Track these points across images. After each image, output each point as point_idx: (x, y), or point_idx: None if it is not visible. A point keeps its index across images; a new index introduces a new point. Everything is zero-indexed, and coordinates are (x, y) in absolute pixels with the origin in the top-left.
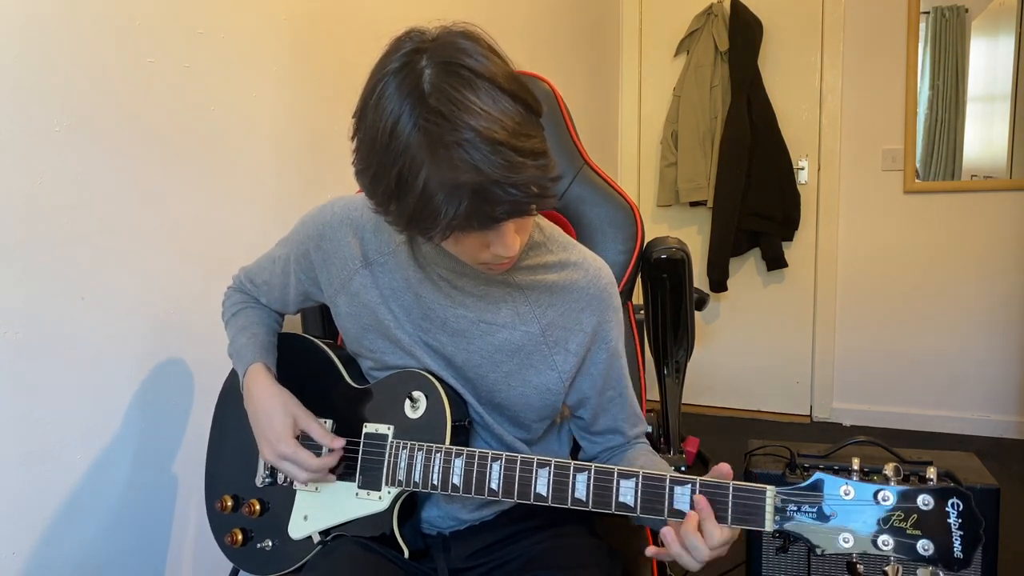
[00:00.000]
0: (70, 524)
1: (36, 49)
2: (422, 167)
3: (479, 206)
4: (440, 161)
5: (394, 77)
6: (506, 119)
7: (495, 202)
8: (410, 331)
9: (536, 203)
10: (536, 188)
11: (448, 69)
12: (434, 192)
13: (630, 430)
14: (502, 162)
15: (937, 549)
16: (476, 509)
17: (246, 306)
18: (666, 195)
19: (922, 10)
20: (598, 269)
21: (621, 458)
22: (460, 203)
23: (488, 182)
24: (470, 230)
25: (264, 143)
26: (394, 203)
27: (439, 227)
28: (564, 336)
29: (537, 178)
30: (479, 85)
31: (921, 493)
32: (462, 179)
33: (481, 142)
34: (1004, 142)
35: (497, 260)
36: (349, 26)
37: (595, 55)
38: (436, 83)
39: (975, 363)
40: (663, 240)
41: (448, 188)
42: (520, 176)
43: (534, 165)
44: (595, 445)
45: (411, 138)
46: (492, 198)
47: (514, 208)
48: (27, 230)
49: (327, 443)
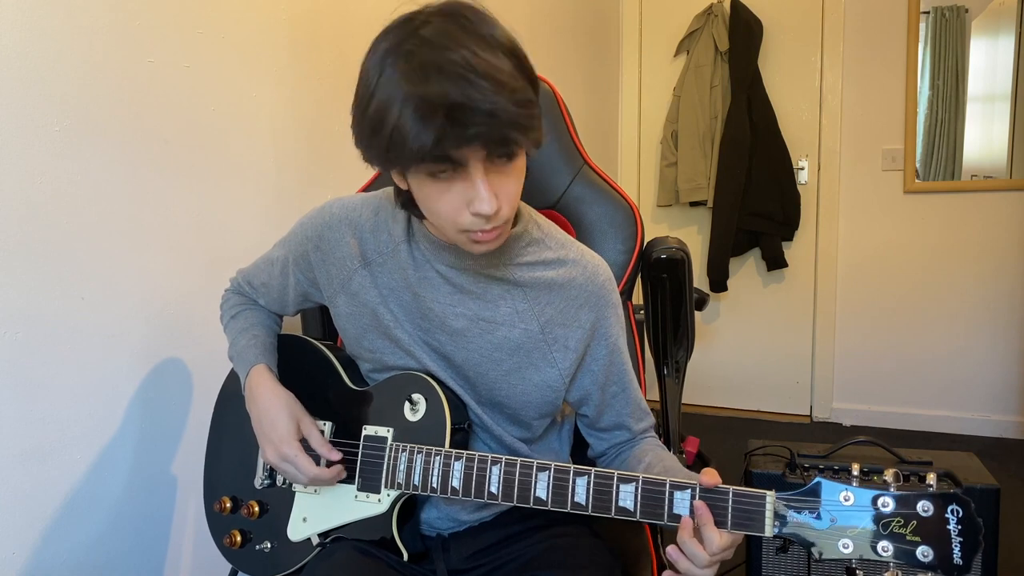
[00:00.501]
0: (70, 524)
1: (36, 49)
2: (399, 88)
3: (451, 128)
4: (417, 80)
5: (391, 31)
6: (492, 59)
7: (467, 123)
8: (409, 330)
9: (511, 133)
10: (512, 115)
11: (445, 15)
12: (409, 114)
13: (636, 424)
14: (481, 84)
15: (937, 556)
16: (476, 510)
17: (245, 308)
18: (666, 195)
19: (922, 10)
20: (596, 266)
21: (629, 454)
22: (432, 122)
23: (463, 98)
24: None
25: (264, 143)
26: (375, 136)
27: (411, 153)
28: (563, 333)
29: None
30: (473, 32)
31: (921, 499)
32: (434, 95)
33: (462, 67)
34: (1004, 142)
35: (476, 225)
36: (349, 26)
37: (595, 55)
38: (434, 25)
39: (975, 363)
40: (663, 240)
41: (421, 106)
42: (497, 100)
43: (513, 98)
44: (602, 442)
45: (396, 64)
46: (464, 119)
47: (488, 131)
48: (27, 230)
49: (324, 453)
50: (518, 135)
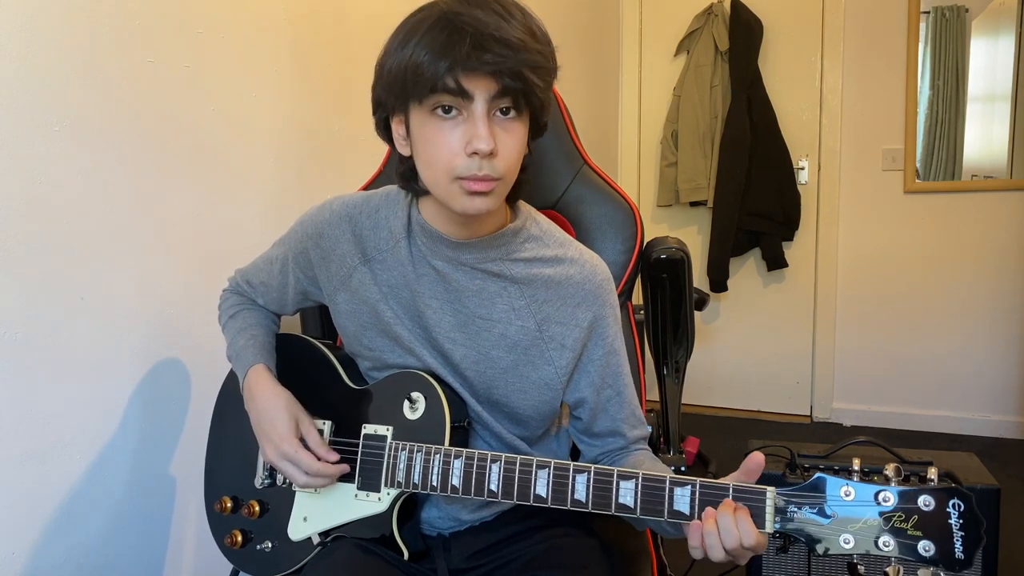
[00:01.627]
0: (70, 524)
1: (36, 49)
2: (423, 24)
3: (471, 51)
4: (440, 17)
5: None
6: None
7: (486, 48)
8: (410, 327)
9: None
10: (532, 54)
11: None
12: (429, 42)
13: (630, 431)
14: (500, 19)
15: (938, 550)
16: (476, 510)
17: (243, 308)
18: (666, 195)
19: (922, 10)
20: (594, 265)
21: (623, 463)
22: (451, 48)
23: (484, 29)
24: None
25: (264, 143)
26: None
27: (428, 79)
28: (560, 331)
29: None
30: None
31: (922, 494)
32: (457, 26)
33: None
34: (1004, 142)
35: (471, 170)
36: (349, 26)
37: (595, 55)
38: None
39: (975, 363)
40: (663, 240)
41: (443, 38)
42: (514, 33)
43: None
44: (594, 448)
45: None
46: (484, 44)
47: (504, 61)
48: (27, 230)
49: (321, 454)
50: (532, 78)
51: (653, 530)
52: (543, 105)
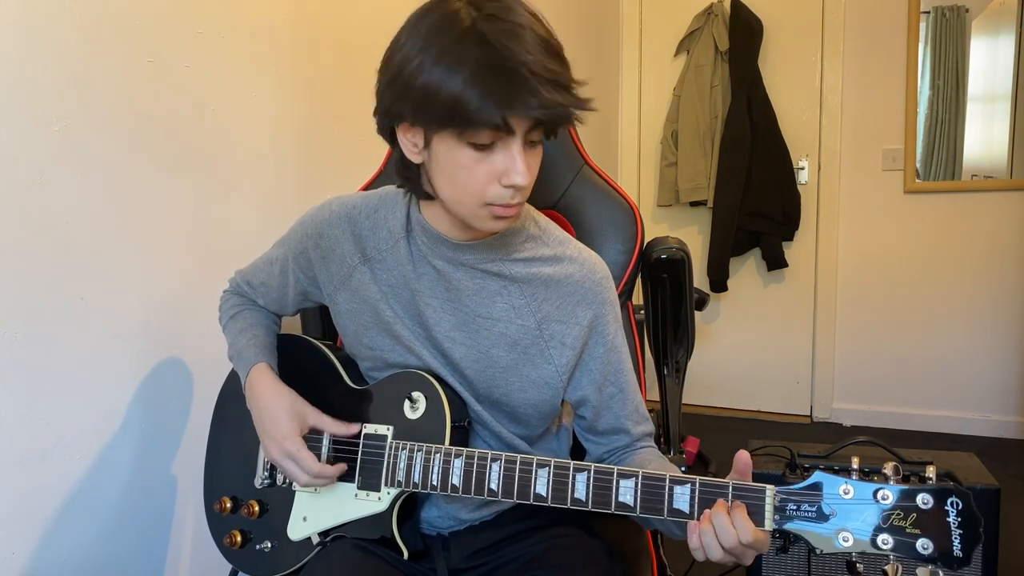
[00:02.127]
0: (69, 524)
1: (36, 48)
2: (470, 54)
3: (524, 95)
4: (489, 48)
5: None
6: (548, 33)
7: (537, 93)
8: (410, 326)
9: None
10: (574, 95)
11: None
12: (481, 79)
13: (634, 428)
14: (549, 57)
15: (937, 548)
16: (476, 509)
17: (244, 308)
18: (666, 195)
19: (922, 10)
20: (593, 264)
21: (629, 461)
22: (504, 90)
23: (536, 70)
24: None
25: (264, 143)
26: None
27: (478, 119)
28: (560, 330)
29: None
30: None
31: (920, 492)
32: (510, 65)
33: (528, 35)
34: (1004, 142)
35: (503, 199)
36: (349, 26)
37: (595, 55)
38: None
39: (975, 363)
40: (663, 240)
41: (495, 75)
42: (563, 72)
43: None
44: (599, 447)
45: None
46: (536, 88)
47: (552, 104)
48: (27, 230)
49: (341, 431)
50: (575, 115)
51: (661, 532)
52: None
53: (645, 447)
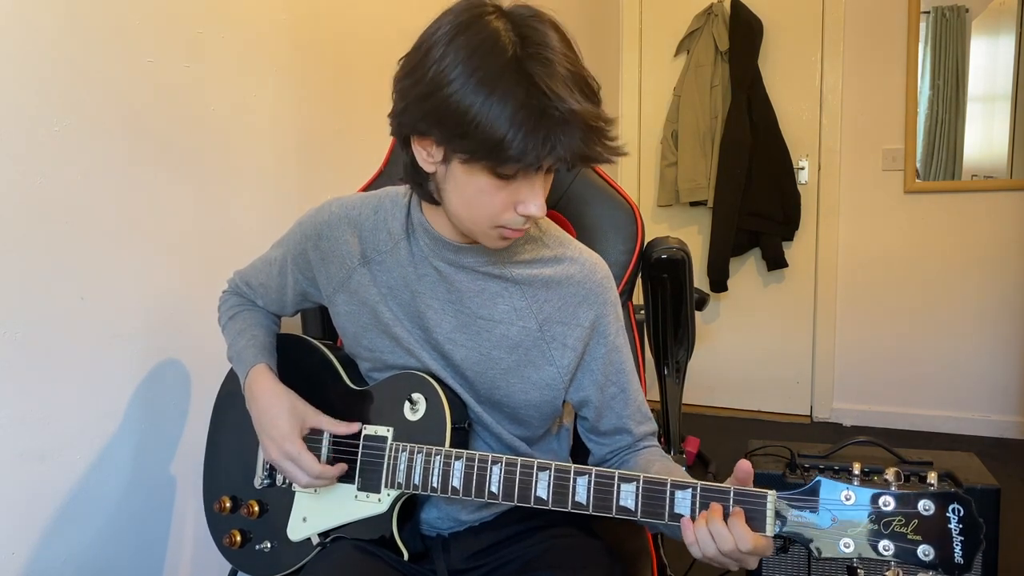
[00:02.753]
0: (69, 524)
1: (36, 49)
2: (518, 86)
3: (565, 141)
4: (540, 83)
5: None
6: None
7: (579, 141)
8: (409, 328)
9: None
10: (612, 144)
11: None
12: (526, 123)
13: (636, 428)
14: (590, 100)
15: (938, 555)
16: (476, 510)
17: (243, 309)
18: (666, 195)
19: (922, 10)
20: (594, 264)
21: (633, 462)
22: (549, 136)
23: (581, 117)
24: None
25: (264, 143)
26: (472, 129)
27: (518, 160)
28: (562, 331)
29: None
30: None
31: (922, 498)
32: (555, 110)
33: (571, 80)
34: (1004, 142)
35: (516, 224)
36: (349, 26)
37: (595, 55)
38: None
39: (975, 363)
40: (663, 240)
41: (541, 120)
42: (605, 123)
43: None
44: (602, 447)
45: (503, 66)
46: (576, 136)
47: (592, 155)
48: (27, 230)
49: (342, 430)
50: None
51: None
52: None
53: (648, 447)
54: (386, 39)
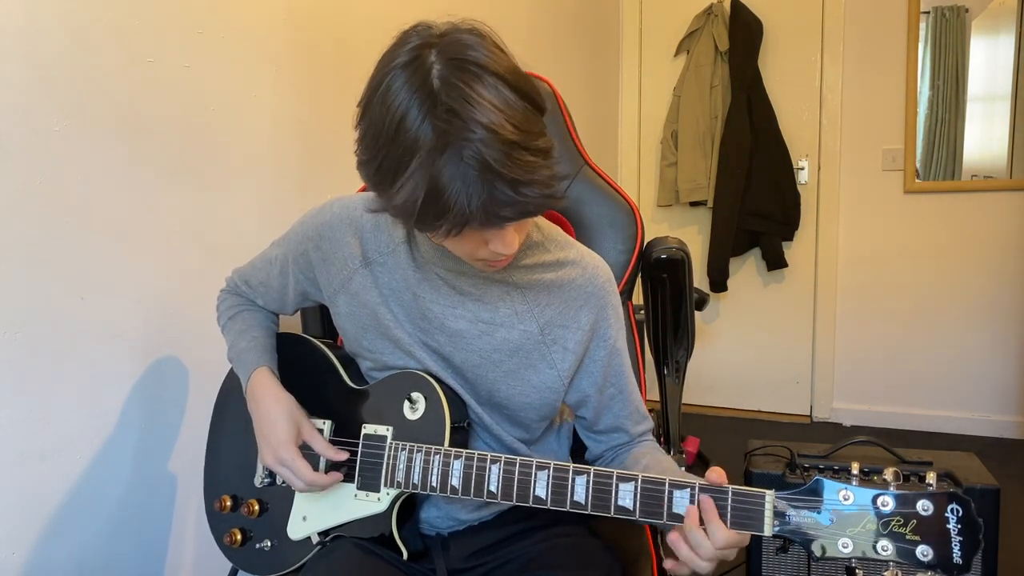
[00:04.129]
0: (70, 524)
1: (36, 49)
2: (432, 164)
3: (489, 206)
4: (452, 159)
5: (402, 71)
6: (515, 116)
7: (505, 203)
8: (409, 331)
9: (546, 204)
10: (547, 189)
11: (456, 64)
12: (444, 189)
13: (634, 427)
14: (515, 163)
15: (936, 555)
16: (476, 509)
17: (243, 308)
18: (666, 195)
19: (922, 10)
20: (595, 267)
21: (626, 456)
22: (470, 201)
23: (501, 182)
24: (474, 228)
25: (264, 143)
26: (399, 197)
27: (444, 225)
28: (563, 334)
29: (547, 178)
30: (487, 80)
31: (920, 498)
32: (474, 177)
33: (494, 141)
34: (1004, 142)
35: (495, 257)
36: (349, 26)
37: (595, 55)
38: (445, 78)
39: (975, 363)
40: (663, 240)
41: (459, 186)
42: (533, 176)
43: (544, 164)
44: (599, 444)
45: (421, 133)
46: (503, 199)
47: (523, 209)
48: (27, 230)
49: (330, 455)
50: (552, 201)
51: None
52: None
53: (644, 441)
54: (386, 39)
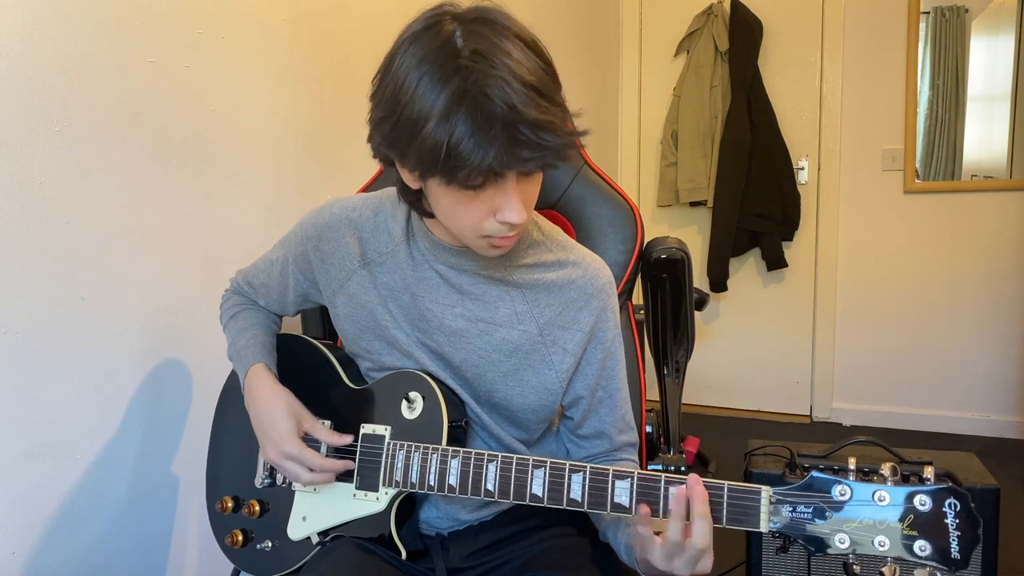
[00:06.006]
0: (70, 524)
1: (36, 49)
2: (459, 102)
3: (511, 148)
4: (478, 98)
5: (424, 33)
6: (537, 70)
7: (526, 144)
8: (408, 331)
9: (563, 155)
10: (566, 139)
11: (479, 21)
12: (468, 130)
13: (617, 436)
14: (538, 106)
15: (934, 550)
16: (475, 510)
17: (244, 308)
18: (666, 195)
19: (922, 10)
20: (596, 268)
21: None
22: (492, 142)
23: (523, 122)
24: (492, 184)
25: (264, 143)
26: (426, 144)
27: (465, 171)
28: (562, 335)
29: (566, 131)
30: (511, 38)
31: (918, 493)
32: (499, 115)
33: (518, 83)
34: (1004, 142)
35: (501, 232)
36: (349, 27)
37: (595, 55)
38: (468, 34)
39: (975, 363)
40: (663, 240)
41: (483, 126)
42: (554, 121)
43: (564, 118)
44: (581, 449)
45: (447, 77)
46: (525, 140)
47: (543, 154)
48: (27, 230)
49: (334, 442)
50: (566, 158)
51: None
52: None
53: (623, 459)
54: (386, 39)
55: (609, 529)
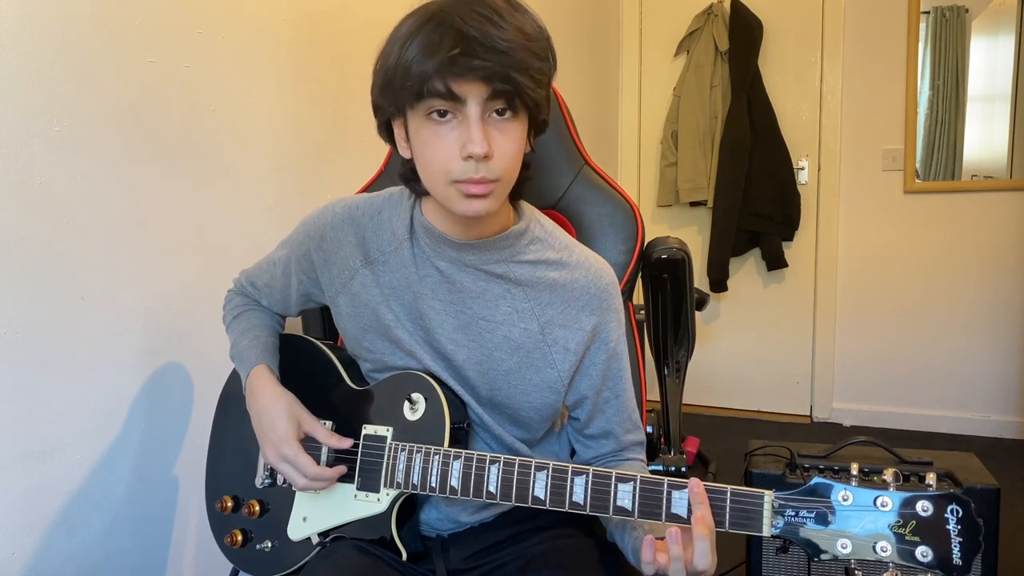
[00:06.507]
0: (70, 524)
1: (36, 48)
2: (421, 25)
3: (458, 57)
4: (437, 16)
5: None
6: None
7: (473, 54)
8: (410, 330)
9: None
10: (516, 53)
11: None
12: (421, 43)
13: (624, 435)
14: (492, 20)
15: (936, 556)
16: (476, 511)
17: (247, 308)
18: (666, 195)
19: (922, 10)
20: (599, 269)
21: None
22: (440, 50)
23: (473, 33)
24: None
25: (264, 143)
26: (390, 72)
27: (414, 80)
28: (563, 334)
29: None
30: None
31: (920, 499)
32: (450, 26)
33: (483, 7)
34: (1004, 142)
35: (467, 173)
36: (348, 27)
37: (595, 55)
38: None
39: (975, 363)
40: (663, 240)
41: (434, 39)
42: (506, 37)
43: (527, 45)
44: (588, 449)
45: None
46: (471, 51)
47: (495, 61)
48: (27, 230)
49: (333, 444)
50: (524, 80)
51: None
52: (539, 103)
53: (631, 459)
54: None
55: (616, 531)
